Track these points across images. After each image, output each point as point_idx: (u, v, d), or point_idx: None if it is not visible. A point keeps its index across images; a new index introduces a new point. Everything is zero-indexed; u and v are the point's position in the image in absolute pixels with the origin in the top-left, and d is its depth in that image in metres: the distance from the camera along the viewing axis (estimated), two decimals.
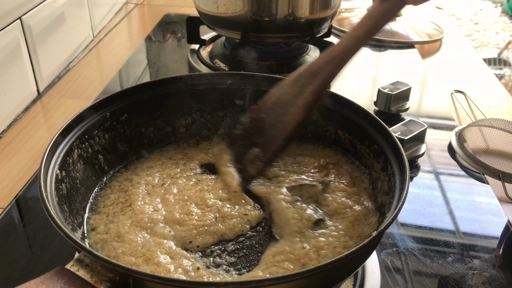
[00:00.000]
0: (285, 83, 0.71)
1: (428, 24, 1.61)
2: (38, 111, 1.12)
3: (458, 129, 1.04)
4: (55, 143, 0.65)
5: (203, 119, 0.87)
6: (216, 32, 1.25)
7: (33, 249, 0.75)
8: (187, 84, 0.83)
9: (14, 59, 1.07)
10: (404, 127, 0.95)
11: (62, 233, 0.52)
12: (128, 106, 0.78)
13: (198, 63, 1.30)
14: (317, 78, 0.66)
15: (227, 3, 1.12)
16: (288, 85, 0.70)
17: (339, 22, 1.58)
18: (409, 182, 0.60)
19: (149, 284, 0.49)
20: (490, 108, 1.19)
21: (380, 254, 0.75)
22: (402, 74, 1.30)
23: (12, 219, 0.81)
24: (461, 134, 1.02)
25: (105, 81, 1.25)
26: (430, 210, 0.85)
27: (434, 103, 1.19)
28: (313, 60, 0.69)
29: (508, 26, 4.52)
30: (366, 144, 0.74)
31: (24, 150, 0.99)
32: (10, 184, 0.89)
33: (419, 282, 0.71)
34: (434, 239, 0.79)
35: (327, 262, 0.49)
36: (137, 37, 1.53)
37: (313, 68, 0.67)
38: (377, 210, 0.69)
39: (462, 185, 0.93)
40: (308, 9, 1.12)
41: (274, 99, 0.71)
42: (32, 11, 1.14)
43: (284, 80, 0.71)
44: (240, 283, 0.47)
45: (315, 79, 0.66)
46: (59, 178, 0.63)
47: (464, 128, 1.04)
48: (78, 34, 1.40)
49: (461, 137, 1.01)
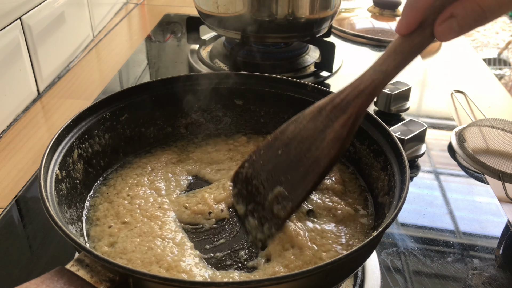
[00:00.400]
0: (300, 117, 0.66)
1: None
2: (38, 111, 1.12)
3: (458, 129, 1.04)
4: (55, 143, 0.65)
5: (203, 119, 0.87)
6: (216, 32, 1.25)
7: (33, 249, 0.75)
8: (187, 84, 0.83)
9: (14, 59, 1.07)
10: (404, 127, 0.95)
11: (62, 233, 0.52)
12: (128, 106, 0.78)
13: (198, 63, 1.30)
14: (346, 111, 0.62)
15: (227, 3, 1.12)
16: (306, 120, 0.65)
17: (339, 22, 1.58)
18: (409, 182, 0.60)
19: (149, 284, 0.49)
20: (490, 108, 1.19)
21: (380, 254, 0.75)
22: (402, 74, 1.29)
23: (12, 219, 0.81)
24: (461, 134, 1.02)
25: (105, 81, 1.25)
26: (430, 210, 0.85)
27: (434, 103, 1.19)
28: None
29: (508, 26, 4.52)
30: (366, 144, 0.74)
31: (24, 150, 0.99)
32: (10, 184, 0.89)
33: (419, 282, 0.71)
34: (434, 239, 0.79)
35: (327, 262, 0.49)
36: (137, 37, 1.53)
37: (337, 101, 0.63)
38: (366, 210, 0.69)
39: (462, 185, 0.93)
40: (308, 9, 1.13)
41: (289, 134, 0.66)
42: (32, 11, 1.14)
43: (297, 115, 0.67)
44: (240, 283, 0.47)
45: (344, 113, 0.62)
46: (59, 178, 0.63)
47: (464, 128, 1.04)
48: (78, 34, 1.40)
49: (461, 137, 1.01)
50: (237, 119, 0.87)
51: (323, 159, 0.61)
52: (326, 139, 0.62)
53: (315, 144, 0.62)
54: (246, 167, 0.69)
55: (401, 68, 0.61)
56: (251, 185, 0.67)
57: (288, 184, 0.63)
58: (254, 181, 0.67)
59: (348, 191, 0.74)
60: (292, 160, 0.64)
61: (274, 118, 0.86)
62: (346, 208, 0.69)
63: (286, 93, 0.83)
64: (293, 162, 0.64)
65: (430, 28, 0.55)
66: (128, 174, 0.77)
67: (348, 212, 0.68)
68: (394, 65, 0.61)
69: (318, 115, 0.64)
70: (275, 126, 0.86)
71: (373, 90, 0.61)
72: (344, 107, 0.62)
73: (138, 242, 0.63)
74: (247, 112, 0.87)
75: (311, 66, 1.28)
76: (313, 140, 0.63)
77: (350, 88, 0.63)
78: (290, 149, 0.64)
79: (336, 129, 0.61)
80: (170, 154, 0.82)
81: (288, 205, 0.62)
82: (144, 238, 0.64)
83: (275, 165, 0.65)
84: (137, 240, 0.64)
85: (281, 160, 0.65)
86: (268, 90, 0.84)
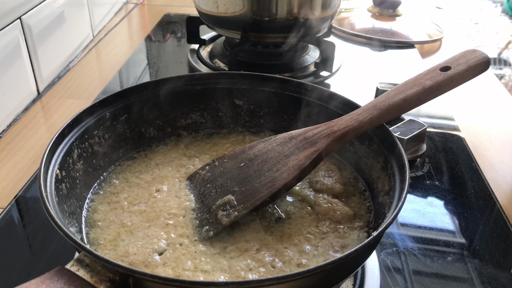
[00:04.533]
0: (272, 139, 0.71)
1: (428, 24, 1.61)
2: (38, 111, 1.12)
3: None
4: (55, 143, 0.65)
5: (203, 119, 0.87)
6: (216, 32, 1.25)
7: (33, 249, 0.75)
8: (187, 84, 0.83)
9: (14, 59, 1.07)
10: (404, 127, 0.95)
11: (62, 233, 0.52)
12: (128, 106, 0.78)
13: (198, 63, 1.30)
14: (314, 145, 0.66)
15: (227, 3, 1.12)
16: (275, 142, 0.70)
17: (339, 22, 1.58)
18: (409, 182, 0.60)
19: (149, 284, 0.49)
20: (490, 108, 1.19)
21: (380, 254, 0.75)
22: (402, 74, 1.30)
23: (12, 219, 0.81)
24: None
25: (105, 81, 1.25)
26: (430, 210, 0.85)
27: (434, 103, 1.19)
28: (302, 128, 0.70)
29: (508, 26, 4.52)
30: (366, 144, 0.74)
31: (24, 150, 0.99)
32: (10, 184, 0.89)
33: (419, 282, 0.71)
34: (434, 239, 0.79)
35: (327, 262, 0.49)
36: (137, 37, 1.53)
37: (309, 134, 0.68)
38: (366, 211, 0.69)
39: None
40: (308, 9, 1.12)
41: (256, 151, 0.70)
42: (32, 11, 1.14)
43: (270, 137, 0.71)
44: (240, 283, 0.47)
45: (312, 146, 0.66)
46: (59, 178, 0.63)
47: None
48: (78, 34, 1.40)
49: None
50: (237, 119, 0.87)
51: (280, 181, 0.65)
52: (288, 164, 0.66)
53: (277, 166, 0.67)
54: (206, 170, 0.73)
55: (375, 123, 0.67)
56: (205, 187, 0.71)
57: (240, 195, 0.66)
58: (209, 184, 0.71)
59: (347, 191, 0.74)
60: (251, 174, 0.68)
61: (274, 118, 0.86)
62: (345, 209, 0.69)
63: (286, 93, 0.83)
64: (251, 177, 0.68)
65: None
66: (129, 174, 0.77)
67: (347, 213, 0.68)
68: (369, 118, 0.67)
69: (288, 142, 0.69)
70: (275, 126, 0.86)
71: (344, 133, 0.66)
72: (313, 141, 0.67)
73: (140, 245, 0.63)
74: (247, 112, 0.87)
75: (311, 66, 1.28)
76: (276, 162, 0.67)
77: (324, 126, 0.68)
78: (253, 165, 0.69)
79: (299, 158, 0.66)
80: (170, 154, 0.82)
81: (233, 214, 0.65)
82: (148, 240, 0.64)
83: (234, 175, 0.69)
84: (140, 243, 0.63)
85: (241, 172, 0.69)
86: (268, 90, 0.84)
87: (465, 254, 0.76)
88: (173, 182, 0.75)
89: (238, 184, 0.68)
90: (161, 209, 0.69)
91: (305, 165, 0.65)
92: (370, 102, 0.68)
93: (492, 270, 0.74)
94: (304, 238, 0.65)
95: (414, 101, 0.66)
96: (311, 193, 0.72)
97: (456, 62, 0.67)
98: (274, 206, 0.69)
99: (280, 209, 0.69)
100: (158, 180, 0.76)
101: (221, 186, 0.69)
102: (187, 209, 0.69)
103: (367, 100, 0.71)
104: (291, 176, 0.65)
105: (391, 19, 1.60)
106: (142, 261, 0.60)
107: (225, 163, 0.72)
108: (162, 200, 0.71)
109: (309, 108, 0.81)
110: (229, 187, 0.68)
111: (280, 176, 0.65)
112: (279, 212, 0.69)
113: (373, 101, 0.68)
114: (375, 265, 0.72)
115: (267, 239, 0.64)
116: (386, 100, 0.67)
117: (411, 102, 0.66)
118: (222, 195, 0.67)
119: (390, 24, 1.57)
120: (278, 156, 0.68)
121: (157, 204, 0.70)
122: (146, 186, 0.74)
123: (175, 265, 0.60)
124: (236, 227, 0.66)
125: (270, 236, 0.65)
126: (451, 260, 0.75)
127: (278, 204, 0.70)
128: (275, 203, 0.70)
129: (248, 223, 0.66)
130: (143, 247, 0.62)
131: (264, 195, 0.65)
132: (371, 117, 0.66)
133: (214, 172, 0.72)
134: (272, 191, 0.65)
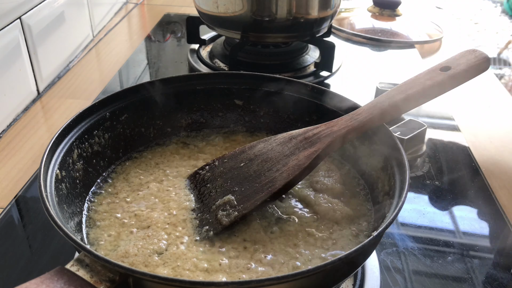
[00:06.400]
0: (271, 139, 0.71)
1: (428, 24, 1.61)
2: (38, 111, 1.12)
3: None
4: (55, 143, 0.65)
5: (203, 119, 0.87)
6: (216, 32, 1.25)
7: (33, 249, 0.75)
8: (187, 84, 0.83)
9: (14, 59, 1.07)
10: (404, 127, 0.95)
11: (62, 233, 0.52)
12: (128, 106, 0.78)
13: (198, 63, 1.30)
14: (314, 145, 0.66)
15: (227, 3, 1.12)
16: (275, 142, 0.70)
17: (339, 22, 1.58)
18: (409, 182, 0.60)
19: (149, 284, 0.49)
20: (490, 108, 1.19)
21: (380, 254, 0.75)
22: (402, 74, 1.30)
23: (12, 219, 0.81)
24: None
25: (105, 81, 1.25)
26: (430, 210, 0.85)
27: (434, 103, 1.19)
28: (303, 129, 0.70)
29: (508, 26, 4.52)
30: (366, 144, 0.74)
31: (24, 150, 0.99)
32: (10, 184, 0.89)
33: (419, 282, 0.71)
34: (434, 239, 0.79)
35: (327, 262, 0.49)
36: (137, 37, 1.53)
37: (309, 134, 0.68)
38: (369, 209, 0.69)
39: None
40: (308, 9, 1.12)
41: (256, 151, 0.70)
42: (32, 11, 1.14)
43: (270, 137, 0.71)
44: (240, 283, 0.47)
45: (312, 146, 0.66)
46: (59, 178, 0.63)
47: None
48: (78, 34, 1.40)
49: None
50: (237, 119, 0.87)
51: (280, 181, 0.65)
52: (288, 164, 0.66)
53: (277, 166, 0.67)
54: (206, 170, 0.73)
55: (375, 123, 0.67)
56: (205, 187, 0.71)
57: (240, 195, 0.66)
58: (209, 184, 0.71)
59: (347, 191, 0.74)
60: (251, 174, 0.68)
61: (274, 118, 0.86)
62: (346, 209, 0.69)
63: (286, 93, 0.83)
64: (251, 177, 0.68)
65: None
66: (129, 174, 0.77)
67: (347, 213, 0.68)
68: (370, 118, 0.67)
69: (288, 142, 0.69)
70: (275, 126, 0.86)
71: (344, 133, 0.67)
72: (313, 141, 0.67)
73: (141, 245, 0.63)
74: (247, 112, 0.87)
75: (311, 66, 1.28)
76: (276, 162, 0.67)
77: (324, 126, 0.68)
78: (253, 165, 0.69)
79: (299, 158, 0.66)
80: (170, 155, 0.82)
81: (233, 214, 0.65)
82: (148, 240, 0.64)
83: (234, 175, 0.69)
84: (140, 244, 0.63)
85: (241, 172, 0.69)
86: (268, 90, 0.84)
87: (465, 254, 0.76)
88: (173, 182, 0.75)
89: (238, 184, 0.68)
90: (161, 209, 0.70)
91: (305, 165, 0.65)
92: (370, 102, 0.68)
93: (492, 270, 0.74)
94: (304, 238, 0.65)
95: (414, 101, 0.67)
96: (311, 193, 0.72)
97: (456, 62, 0.67)
98: (274, 206, 0.69)
99: (280, 209, 0.69)
100: (158, 180, 0.76)
101: (221, 186, 0.69)
102: (187, 209, 0.69)
103: (367, 100, 0.71)
104: (291, 176, 0.65)
105: (391, 19, 1.60)
106: (142, 261, 0.60)
107: (225, 163, 0.72)
108: (162, 200, 0.71)
109: (309, 108, 0.81)
110: (229, 187, 0.68)
111: (280, 176, 0.65)
112: (279, 212, 0.69)
113: (373, 101, 0.68)
114: (375, 265, 0.72)
115: (267, 239, 0.64)
116: (386, 100, 0.67)
117: (411, 102, 0.66)
118: (222, 195, 0.67)
119: (390, 24, 1.57)
120: (278, 156, 0.68)
121: (157, 204, 0.70)
122: (146, 186, 0.74)
123: (175, 265, 0.60)
124: (236, 227, 0.65)
125: (270, 236, 0.65)
126: (451, 260, 0.75)
127: (278, 204, 0.70)
128: (275, 203, 0.70)
129: (248, 223, 0.66)
130: (143, 247, 0.62)
131: (264, 195, 0.65)
132: (371, 117, 0.66)
133: (214, 172, 0.72)
134: (272, 191, 0.65)
